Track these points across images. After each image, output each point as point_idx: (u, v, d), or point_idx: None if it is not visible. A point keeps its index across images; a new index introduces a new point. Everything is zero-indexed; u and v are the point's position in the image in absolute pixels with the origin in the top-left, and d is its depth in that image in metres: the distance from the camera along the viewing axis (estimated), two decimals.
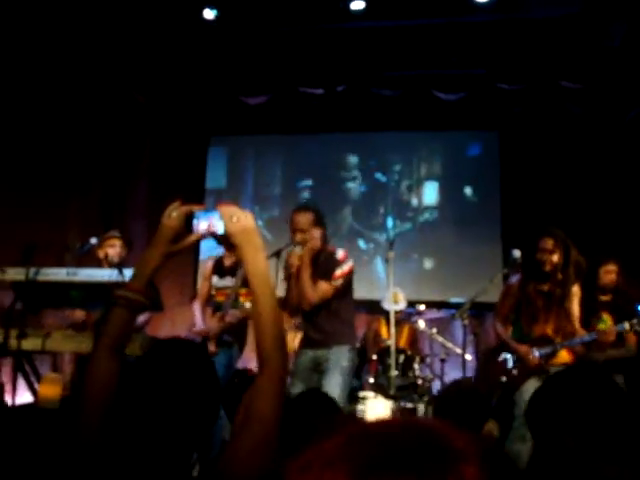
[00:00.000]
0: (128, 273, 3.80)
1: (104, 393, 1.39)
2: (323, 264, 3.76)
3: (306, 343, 3.88)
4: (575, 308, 3.76)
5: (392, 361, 3.55)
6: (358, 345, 4.79)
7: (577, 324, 3.74)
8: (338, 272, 3.73)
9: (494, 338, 4.04)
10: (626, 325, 3.69)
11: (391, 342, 3.62)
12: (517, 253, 3.97)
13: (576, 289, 3.76)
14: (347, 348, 3.80)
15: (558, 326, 3.78)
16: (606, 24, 5.57)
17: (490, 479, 0.55)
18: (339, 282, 3.74)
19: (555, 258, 3.69)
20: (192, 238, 1.55)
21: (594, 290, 4.20)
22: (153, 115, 7.01)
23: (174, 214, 1.51)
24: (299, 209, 3.83)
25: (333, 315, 3.79)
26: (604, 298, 4.28)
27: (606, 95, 6.09)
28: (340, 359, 3.72)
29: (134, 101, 6.76)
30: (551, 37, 5.79)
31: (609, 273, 4.24)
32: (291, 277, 3.80)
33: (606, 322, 4.15)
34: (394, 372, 3.57)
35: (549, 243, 3.71)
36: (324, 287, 3.72)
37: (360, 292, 5.06)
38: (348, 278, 3.79)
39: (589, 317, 4.09)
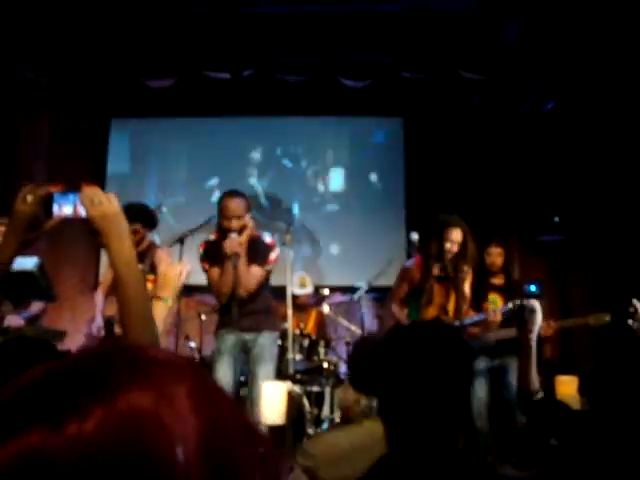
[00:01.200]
0: (18, 261, 3.63)
1: None
2: (254, 249, 3.78)
3: (233, 324, 3.80)
4: (467, 291, 3.95)
5: (289, 344, 3.59)
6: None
7: (467, 306, 3.94)
8: (272, 256, 3.81)
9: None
10: (510, 305, 3.89)
11: (288, 325, 3.64)
12: (415, 236, 4.10)
13: (468, 273, 3.95)
14: (276, 334, 3.95)
15: (452, 308, 3.96)
16: (502, 21, 5.82)
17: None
18: (271, 267, 3.83)
19: (457, 247, 3.86)
20: (52, 223, 1.47)
21: (484, 273, 4.40)
22: (52, 96, 6.67)
23: (29, 198, 1.41)
24: (231, 195, 3.80)
25: (261, 300, 3.87)
26: (495, 281, 4.47)
27: (502, 88, 6.37)
28: (272, 346, 3.84)
29: (31, 82, 6.40)
30: (452, 29, 5.97)
31: (492, 255, 4.43)
32: (224, 263, 3.75)
33: (495, 303, 4.35)
34: (291, 355, 3.60)
35: (457, 234, 3.86)
36: (259, 272, 3.77)
37: (283, 277, 5.10)
38: (275, 263, 3.88)
39: (480, 299, 4.29)
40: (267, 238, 3.88)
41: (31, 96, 6.54)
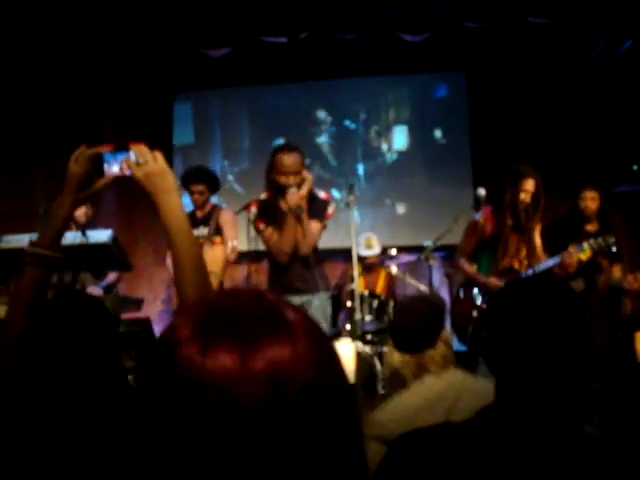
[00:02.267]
0: (93, 234, 3.78)
1: None
2: (311, 205, 3.70)
3: (288, 289, 3.76)
4: (538, 241, 3.86)
5: (357, 304, 3.59)
6: (334, 292, 4.85)
7: (541, 253, 3.85)
8: (330, 210, 3.74)
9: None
10: (585, 245, 3.75)
11: (355, 285, 3.62)
12: (482, 192, 4.00)
13: (539, 225, 3.86)
14: (328, 295, 3.93)
15: (527, 257, 3.88)
16: None
17: (318, 352, 0.63)
18: (327, 222, 3.77)
19: (530, 198, 3.78)
20: (102, 182, 1.51)
21: (577, 218, 4.27)
22: (115, 74, 6.83)
23: (80, 159, 1.47)
24: (287, 150, 3.67)
25: (314, 261, 3.78)
26: (590, 227, 4.33)
27: (573, 30, 6.01)
28: (325, 307, 3.82)
29: (93, 61, 6.56)
30: None
31: (586, 199, 4.28)
32: (281, 221, 3.67)
33: (586, 251, 4.20)
34: (359, 315, 3.59)
35: (531, 184, 3.78)
36: (318, 227, 3.69)
37: (336, 241, 5.08)
38: (332, 218, 3.82)
39: (569, 245, 4.14)
40: (321, 193, 3.81)
41: (95, 75, 6.72)
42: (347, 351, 2.97)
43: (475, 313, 3.80)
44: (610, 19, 5.58)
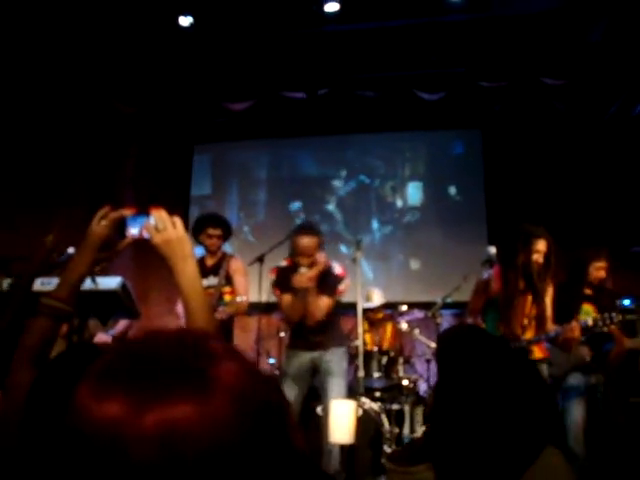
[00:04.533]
0: (102, 281, 3.81)
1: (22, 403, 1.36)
2: (324, 280, 3.88)
3: (302, 345, 4.01)
4: (549, 306, 3.75)
5: (361, 361, 3.54)
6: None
7: (550, 321, 3.75)
8: (342, 287, 3.93)
9: None
10: (589, 321, 3.67)
11: (359, 342, 3.60)
12: (492, 250, 3.96)
13: (550, 287, 3.77)
14: (343, 350, 4.01)
15: (534, 323, 3.78)
16: (587, 19, 5.57)
17: (244, 376, 0.59)
18: (339, 297, 3.97)
19: (542, 259, 3.70)
20: (123, 244, 1.56)
21: (580, 285, 4.18)
22: (138, 124, 7.03)
23: (103, 221, 1.51)
24: (304, 232, 3.91)
25: (328, 322, 3.96)
26: (587, 292, 4.25)
27: (588, 91, 6.08)
28: (341, 361, 3.92)
29: (117, 111, 6.77)
30: (531, 33, 5.78)
31: (599, 270, 4.20)
32: (294, 293, 3.91)
33: (589, 314, 4.12)
34: (362, 373, 3.53)
35: (543, 245, 3.71)
36: (328, 303, 3.88)
37: (345, 296, 5.07)
38: (344, 293, 4.00)
39: (571, 311, 4.06)
40: (337, 269, 3.96)
41: (119, 126, 6.92)
42: (345, 409, 2.90)
43: None
44: (623, 81, 5.63)
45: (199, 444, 0.53)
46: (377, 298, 5.09)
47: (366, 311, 4.88)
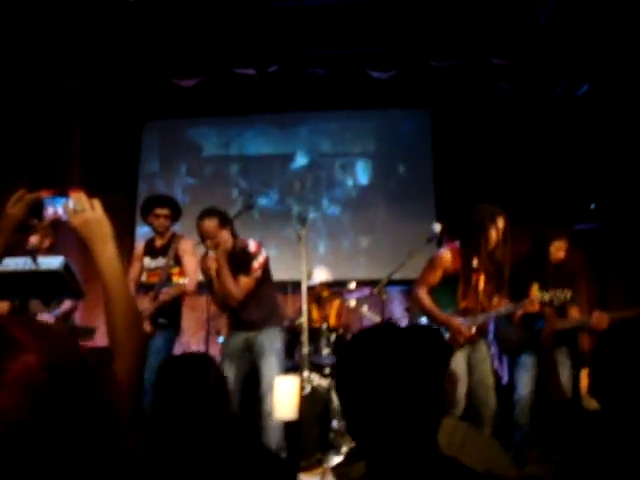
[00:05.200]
0: (44, 261, 3.72)
1: None
2: (238, 259, 3.92)
3: (236, 326, 4.06)
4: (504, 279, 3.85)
5: (305, 337, 3.58)
6: (288, 324, 4.84)
7: (505, 293, 3.86)
8: (255, 264, 3.93)
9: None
10: (546, 297, 3.78)
11: (303, 319, 3.63)
12: (437, 227, 4.02)
13: (507, 262, 3.84)
14: (277, 330, 4.00)
15: (487, 296, 3.86)
16: (534, 2, 5.64)
17: (50, 366, 0.63)
18: (258, 273, 3.95)
19: (500, 236, 3.74)
20: (39, 225, 1.55)
21: (542, 262, 4.27)
22: (84, 99, 6.83)
23: (19, 203, 1.49)
24: (202, 216, 3.97)
25: (258, 301, 3.99)
26: (551, 271, 4.34)
27: (534, 72, 6.18)
28: (273, 341, 3.90)
29: (62, 85, 6.55)
30: (481, 14, 5.83)
31: (559, 250, 4.29)
32: (212, 279, 3.98)
33: (546, 301, 4.24)
34: (306, 349, 3.57)
35: (502, 222, 3.73)
36: (246, 281, 3.92)
37: (292, 273, 5.07)
38: (265, 267, 4.01)
39: (525, 288, 4.18)
40: (251, 246, 3.98)
41: (64, 101, 6.71)
42: (288, 385, 2.92)
43: None
44: (568, 63, 5.75)
45: None
46: (317, 276, 5.12)
47: (311, 289, 4.91)
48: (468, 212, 3.89)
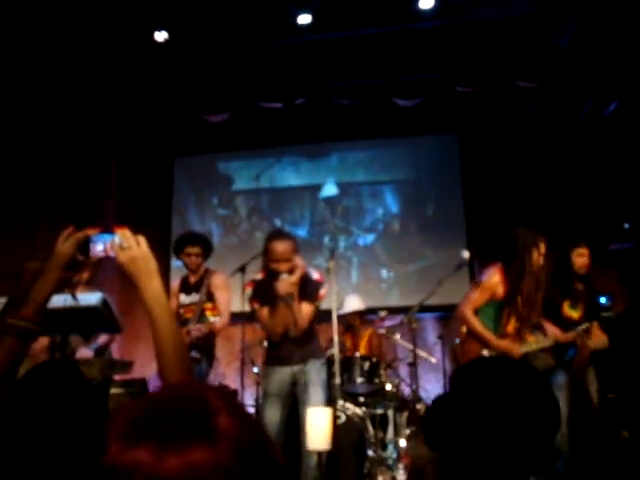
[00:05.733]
0: (83, 297, 3.83)
1: None
2: (304, 287, 3.79)
3: (280, 360, 3.90)
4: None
5: (336, 368, 3.57)
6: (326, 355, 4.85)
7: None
8: (322, 292, 3.84)
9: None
10: (575, 314, 3.79)
11: (335, 350, 3.63)
12: (466, 254, 4.03)
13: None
14: (321, 362, 3.90)
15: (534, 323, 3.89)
16: (556, 24, 5.67)
17: (240, 426, 0.71)
18: (320, 303, 3.87)
19: (542, 260, 3.81)
20: (88, 263, 1.59)
21: (569, 277, 4.27)
22: (117, 138, 7.06)
23: (68, 241, 1.54)
24: (278, 238, 3.82)
25: (309, 331, 3.89)
26: (579, 286, 4.33)
27: (560, 93, 6.18)
28: (320, 373, 3.82)
29: (97, 126, 6.80)
30: (502, 38, 5.88)
31: (582, 256, 4.29)
32: (274, 303, 3.80)
33: (578, 310, 4.24)
34: (338, 380, 3.55)
35: (544, 247, 3.82)
36: (309, 309, 3.79)
37: (326, 303, 5.11)
38: (324, 298, 3.91)
39: (562, 303, 4.18)
40: (314, 274, 3.89)
41: (99, 141, 6.94)
42: (320, 416, 2.94)
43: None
44: (593, 83, 5.73)
45: None
46: (349, 304, 5.15)
47: (342, 317, 4.93)
48: (511, 237, 3.91)
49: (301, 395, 3.75)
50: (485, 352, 3.76)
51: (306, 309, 3.77)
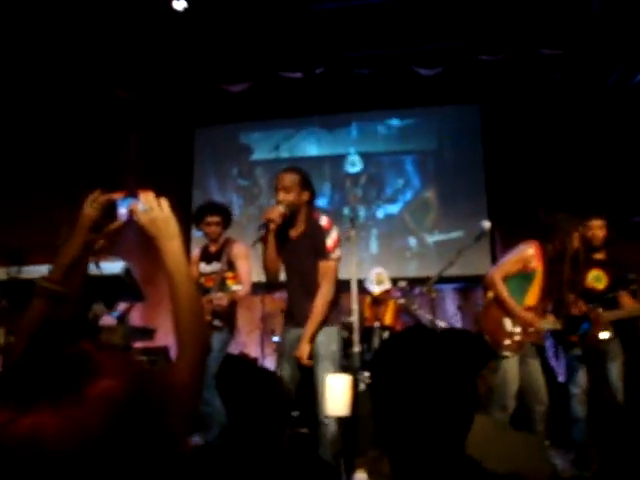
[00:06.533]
0: (106, 266, 3.88)
1: None
2: (311, 236, 3.43)
3: (292, 320, 3.54)
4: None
5: (356, 337, 3.53)
6: (346, 324, 4.84)
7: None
8: (330, 243, 3.40)
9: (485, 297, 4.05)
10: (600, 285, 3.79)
11: (354, 319, 3.58)
12: (487, 224, 4.00)
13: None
14: (336, 330, 3.50)
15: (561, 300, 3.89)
16: None
17: (126, 390, 0.68)
18: (337, 253, 3.43)
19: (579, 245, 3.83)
20: (114, 226, 1.60)
21: (587, 248, 4.24)
22: (137, 109, 7.06)
23: (94, 204, 1.56)
24: (285, 170, 3.50)
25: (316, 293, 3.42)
26: (598, 256, 4.30)
27: (587, 61, 6.03)
28: (331, 343, 3.43)
29: (116, 97, 6.80)
30: (528, 3, 5.74)
31: (594, 228, 4.26)
32: (267, 237, 3.39)
33: (600, 279, 4.21)
34: (357, 348, 3.54)
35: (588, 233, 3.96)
36: (328, 266, 3.37)
37: (344, 272, 5.11)
38: (338, 246, 3.44)
39: (581, 277, 4.15)
40: (323, 220, 3.46)
41: (119, 111, 6.96)
42: (340, 383, 2.96)
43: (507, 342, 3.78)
44: (622, 51, 5.58)
45: (62, 445, 0.64)
46: (387, 281, 5.16)
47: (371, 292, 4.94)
48: (552, 220, 3.93)
49: (313, 367, 3.40)
50: (506, 320, 3.76)
51: (323, 267, 3.36)
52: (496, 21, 5.88)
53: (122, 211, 1.61)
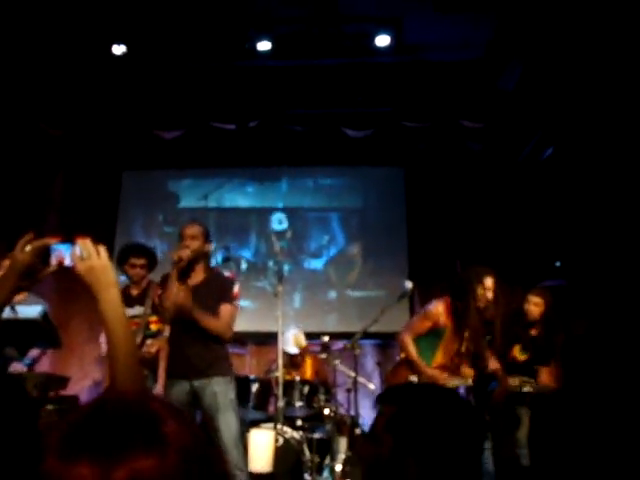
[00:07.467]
0: (23, 310, 3.73)
1: None
2: (215, 286, 3.54)
3: (178, 372, 3.49)
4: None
5: (280, 391, 3.56)
6: (265, 377, 4.86)
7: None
8: (235, 290, 3.56)
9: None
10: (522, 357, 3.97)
11: (279, 373, 3.62)
12: (409, 284, 4.15)
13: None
14: (229, 379, 3.52)
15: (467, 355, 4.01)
16: (502, 69, 5.98)
17: (186, 432, 0.70)
18: (237, 302, 3.57)
19: (491, 295, 3.89)
20: (45, 271, 1.55)
21: (523, 322, 4.42)
22: (65, 148, 6.92)
23: (27, 248, 1.51)
24: (191, 221, 3.75)
25: (213, 342, 3.48)
26: (533, 332, 4.47)
27: (503, 135, 6.49)
28: (228, 392, 3.45)
29: (44, 134, 6.66)
30: (452, 79, 6.18)
31: (530, 304, 4.45)
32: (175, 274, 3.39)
33: (525, 354, 4.41)
34: (281, 403, 3.56)
35: (491, 281, 3.90)
36: (229, 309, 3.48)
37: (267, 324, 5.13)
38: (238, 298, 3.62)
39: (512, 346, 4.34)
40: (227, 272, 3.76)
41: (45, 149, 6.80)
42: (264, 438, 2.96)
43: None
44: (535, 127, 6.05)
45: None
46: (303, 342, 5.18)
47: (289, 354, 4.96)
48: (459, 273, 4.05)
49: (210, 417, 3.39)
50: (413, 378, 3.88)
51: (225, 310, 3.45)
52: (423, 92, 6.26)
53: (54, 258, 1.57)
